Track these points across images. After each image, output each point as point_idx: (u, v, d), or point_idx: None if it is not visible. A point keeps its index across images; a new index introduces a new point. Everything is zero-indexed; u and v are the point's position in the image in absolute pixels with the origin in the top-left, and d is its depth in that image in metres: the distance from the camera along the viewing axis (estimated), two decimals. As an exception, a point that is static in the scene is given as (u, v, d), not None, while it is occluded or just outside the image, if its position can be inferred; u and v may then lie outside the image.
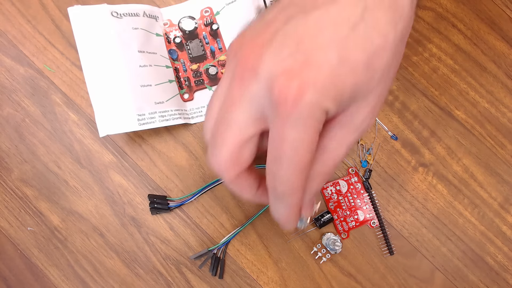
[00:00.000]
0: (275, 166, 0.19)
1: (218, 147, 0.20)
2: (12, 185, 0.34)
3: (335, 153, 0.20)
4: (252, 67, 0.18)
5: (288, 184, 0.20)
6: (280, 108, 0.18)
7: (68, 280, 0.34)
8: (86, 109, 0.35)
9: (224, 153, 0.20)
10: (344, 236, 0.34)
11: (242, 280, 0.34)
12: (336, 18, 0.18)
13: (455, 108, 0.35)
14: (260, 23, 0.20)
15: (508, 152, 0.35)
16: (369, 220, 0.34)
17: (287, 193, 0.20)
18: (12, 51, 0.35)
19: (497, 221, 0.34)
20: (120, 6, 0.32)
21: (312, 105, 0.17)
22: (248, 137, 0.20)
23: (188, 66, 0.35)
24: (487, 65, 0.35)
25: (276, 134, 0.19)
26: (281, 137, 0.19)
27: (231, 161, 0.20)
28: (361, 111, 0.20)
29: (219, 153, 0.20)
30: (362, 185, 0.34)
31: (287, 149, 0.19)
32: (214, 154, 0.20)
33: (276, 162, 0.19)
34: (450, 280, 0.34)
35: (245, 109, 0.19)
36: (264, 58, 0.18)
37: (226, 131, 0.20)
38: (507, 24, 0.35)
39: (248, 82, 0.19)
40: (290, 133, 0.18)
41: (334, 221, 0.34)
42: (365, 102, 0.19)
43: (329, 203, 0.34)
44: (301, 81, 0.17)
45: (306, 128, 0.18)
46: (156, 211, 0.34)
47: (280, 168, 0.19)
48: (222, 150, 0.20)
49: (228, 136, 0.20)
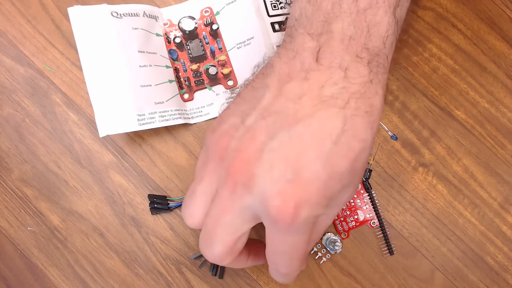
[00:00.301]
0: (276, 258, 0.22)
1: (215, 245, 0.22)
2: (12, 185, 0.34)
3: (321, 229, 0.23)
4: (244, 184, 0.20)
5: (291, 269, 0.22)
6: (278, 224, 0.19)
7: (68, 280, 0.34)
8: (86, 109, 0.35)
9: (220, 249, 0.22)
10: (344, 236, 0.34)
11: (242, 280, 0.34)
12: (318, 133, 0.19)
13: (455, 108, 0.35)
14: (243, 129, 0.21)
15: (508, 152, 0.35)
16: (369, 220, 0.34)
17: (290, 273, 0.23)
18: (12, 51, 0.35)
19: (497, 221, 0.34)
20: (120, 6, 0.32)
21: (307, 217, 0.19)
22: (242, 234, 0.22)
23: (188, 66, 0.35)
24: (487, 65, 0.35)
25: (275, 239, 0.21)
26: (280, 241, 0.21)
27: (226, 254, 0.22)
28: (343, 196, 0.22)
29: (216, 249, 0.22)
30: (362, 185, 0.34)
31: (287, 248, 0.21)
32: (210, 249, 0.22)
33: (277, 255, 0.22)
34: (450, 280, 0.34)
35: (238, 215, 0.21)
36: (256, 179, 0.19)
37: (220, 231, 0.21)
38: (507, 24, 0.35)
39: (241, 195, 0.20)
40: (289, 239, 0.20)
41: (334, 221, 0.34)
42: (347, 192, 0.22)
43: None
44: (296, 200, 0.19)
45: (303, 233, 0.20)
46: (156, 211, 0.34)
47: (282, 259, 0.22)
48: (218, 247, 0.22)
49: (223, 235, 0.21)
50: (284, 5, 0.35)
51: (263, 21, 0.34)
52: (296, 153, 0.19)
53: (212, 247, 0.22)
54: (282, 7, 0.35)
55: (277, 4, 0.35)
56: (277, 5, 0.35)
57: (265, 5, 0.35)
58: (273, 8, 0.35)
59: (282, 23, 0.35)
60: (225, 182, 0.21)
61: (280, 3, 0.35)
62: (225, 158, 0.21)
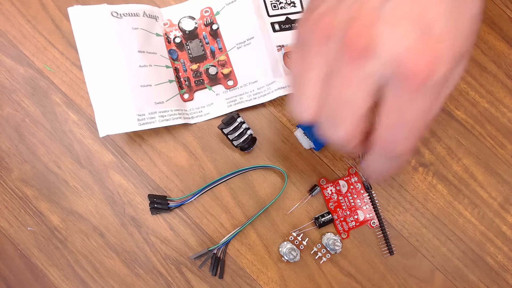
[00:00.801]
0: (395, 131, 0.21)
1: (339, 125, 0.21)
2: (12, 185, 0.34)
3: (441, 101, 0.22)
4: (367, 47, 0.19)
5: (407, 146, 0.21)
6: (410, 82, 0.18)
7: (68, 280, 0.34)
8: (86, 109, 0.35)
9: (345, 130, 0.21)
10: (344, 236, 0.34)
11: (242, 280, 0.34)
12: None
13: (455, 108, 0.35)
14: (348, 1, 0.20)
15: (508, 152, 0.35)
16: (369, 220, 0.34)
17: (407, 150, 0.21)
18: (12, 51, 0.35)
19: (497, 221, 0.34)
20: (120, 6, 0.32)
21: (442, 76, 0.18)
22: (365, 112, 0.21)
23: (188, 66, 0.35)
24: (487, 65, 0.35)
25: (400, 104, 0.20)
26: (406, 107, 0.19)
27: (351, 136, 0.21)
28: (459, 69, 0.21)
29: (341, 129, 0.21)
30: (362, 185, 0.34)
31: (412, 114, 0.20)
32: (335, 131, 0.21)
33: (397, 127, 0.20)
34: (450, 280, 0.34)
35: (361, 87, 0.20)
36: (380, 39, 0.18)
37: (344, 109, 0.21)
38: (507, 24, 0.35)
39: (364, 61, 0.19)
40: (417, 103, 0.19)
41: (334, 221, 0.34)
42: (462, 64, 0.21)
43: (329, 203, 0.34)
44: (431, 56, 0.18)
45: (434, 97, 0.19)
46: (156, 211, 0.34)
47: (402, 131, 0.20)
48: (344, 126, 0.21)
49: (347, 114, 0.21)
50: (284, 5, 0.35)
51: (263, 21, 0.34)
52: (419, 10, 0.18)
53: (336, 129, 0.21)
54: (282, 7, 0.35)
55: (277, 4, 0.35)
56: (277, 5, 0.35)
57: (265, 5, 0.35)
58: (273, 8, 0.35)
59: (282, 23, 0.35)
60: (342, 54, 0.20)
61: (280, 3, 0.35)
62: (333, 35, 0.20)
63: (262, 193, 0.34)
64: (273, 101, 0.35)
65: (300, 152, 0.35)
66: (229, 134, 0.32)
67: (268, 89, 0.34)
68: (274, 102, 0.35)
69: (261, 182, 0.34)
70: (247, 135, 0.33)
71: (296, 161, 0.35)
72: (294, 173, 0.35)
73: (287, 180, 0.34)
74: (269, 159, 0.35)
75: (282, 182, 0.34)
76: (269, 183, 0.34)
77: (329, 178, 0.35)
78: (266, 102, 0.35)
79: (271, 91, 0.33)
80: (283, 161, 0.35)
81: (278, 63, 0.34)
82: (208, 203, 0.34)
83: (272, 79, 0.34)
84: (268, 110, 0.35)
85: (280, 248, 0.34)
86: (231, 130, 0.32)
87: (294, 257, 0.33)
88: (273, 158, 0.35)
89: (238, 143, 0.33)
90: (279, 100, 0.35)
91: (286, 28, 0.35)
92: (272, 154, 0.35)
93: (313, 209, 0.34)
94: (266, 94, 0.34)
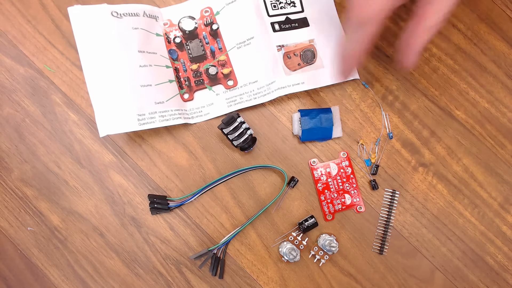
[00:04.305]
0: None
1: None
2: (12, 185, 0.34)
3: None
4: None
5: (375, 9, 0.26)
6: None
7: (68, 280, 0.34)
8: (86, 109, 0.35)
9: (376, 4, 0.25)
10: (329, 218, 0.34)
11: (242, 280, 0.34)
12: None
13: (455, 108, 0.35)
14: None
15: (508, 152, 0.35)
16: (355, 204, 0.34)
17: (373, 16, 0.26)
18: (12, 51, 0.35)
19: (497, 221, 0.34)
20: (120, 6, 0.32)
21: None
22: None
23: (188, 66, 0.35)
24: (487, 65, 0.35)
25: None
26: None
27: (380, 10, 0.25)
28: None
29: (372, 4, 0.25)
30: (352, 170, 0.34)
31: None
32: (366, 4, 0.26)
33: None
34: (450, 280, 0.34)
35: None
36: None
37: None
38: (507, 24, 0.35)
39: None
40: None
41: (320, 202, 0.34)
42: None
43: (318, 183, 0.34)
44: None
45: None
46: (156, 211, 0.34)
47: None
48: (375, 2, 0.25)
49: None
50: (284, 5, 0.35)
51: (263, 21, 0.34)
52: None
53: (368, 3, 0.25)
54: (282, 7, 0.35)
55: (277, 4, 0.35)
56: (277, 5, 0.35)
57: (265, 5, 0.35)
58: (273, 8, 0.35)
59: (282, 23, 0.35)
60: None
61: (280, 3, 0.35)
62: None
63: (262, 193, 0.34)
64: (273, 101, 0.35)
65: (300, 152, 0.35)
66: (229, 134, 0.32)
67: (268, 89, 0.34)
68: (274, 102, 0.35)
69: (261, 182, 0.34)
70: (247, 135, 0.33)
71: (296, 161, 0.35)
72: (294, 173, 0.35)
73: (287, 180, 0.34)
74: (269, 159, 0.35)
75: (282, 182, 0.34)
76: (269, 183, 0.34)
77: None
78: (266, 102, 0.35)
79: (271, 91, 0.33)
80: (283, 161, 0.35)
81: (278, 63, 0.34)
82: (208, 203, 0.34)
83: (272, 79, 0.34)
84: (268, 110, 0.35)
85: (280, 248, 0.34)
86: (231, 130, 0.32)
87: (294, 257, 0.33)
88: (273, 158, 0.35)
89: (238, 143, 0.33)
90: (279, 100, 0.35)
91: (286, 28, 0.35)
92: (272, 154, 0.35)
93: (313, 209, 0.34)
94: (266, 94, 0.34)
